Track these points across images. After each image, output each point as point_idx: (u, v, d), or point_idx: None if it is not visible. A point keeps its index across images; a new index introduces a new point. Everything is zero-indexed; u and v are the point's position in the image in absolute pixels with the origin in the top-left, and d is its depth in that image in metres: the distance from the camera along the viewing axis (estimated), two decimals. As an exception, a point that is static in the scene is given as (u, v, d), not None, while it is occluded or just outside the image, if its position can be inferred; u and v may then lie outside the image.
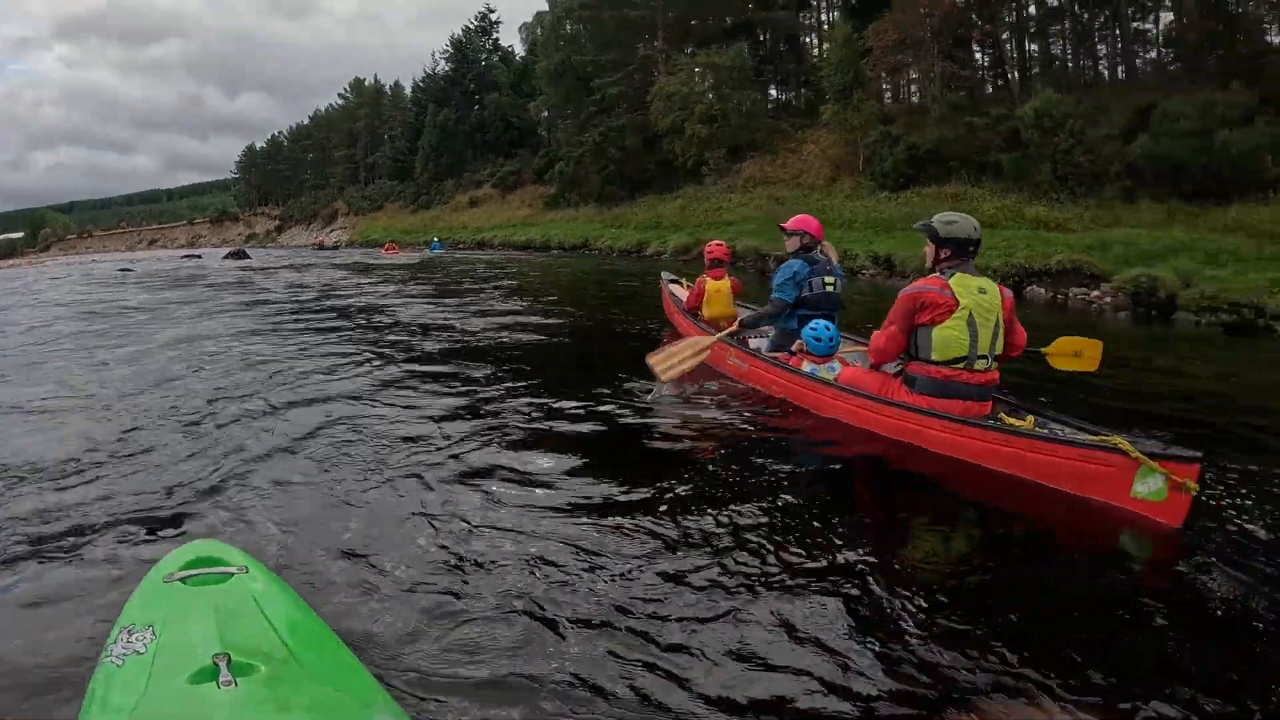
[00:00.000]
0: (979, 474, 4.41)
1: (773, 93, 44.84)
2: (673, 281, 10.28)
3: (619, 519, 3.86)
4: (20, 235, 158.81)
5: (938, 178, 26.55)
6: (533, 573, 3.32)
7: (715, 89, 36.84)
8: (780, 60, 45.46)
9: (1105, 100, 25.52)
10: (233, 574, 2.42)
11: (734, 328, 7.13)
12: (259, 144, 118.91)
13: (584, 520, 3.85)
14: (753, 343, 7.21)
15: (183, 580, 2.36)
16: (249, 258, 45.93)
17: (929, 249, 4.94)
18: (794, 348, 6.26)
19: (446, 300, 15.68)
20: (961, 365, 4.72)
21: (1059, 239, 17.83)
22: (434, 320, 12.18)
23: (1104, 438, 4.05)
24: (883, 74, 32.64)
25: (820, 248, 6.69)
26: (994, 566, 3.55)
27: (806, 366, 5.98)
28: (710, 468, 4.72)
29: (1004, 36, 33.95)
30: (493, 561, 3.44)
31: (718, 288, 8.31)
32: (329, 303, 15.56)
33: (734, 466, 4.73)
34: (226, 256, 47.36)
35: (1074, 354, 5.52)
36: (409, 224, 65.51)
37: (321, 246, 68.36)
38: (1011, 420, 4.61)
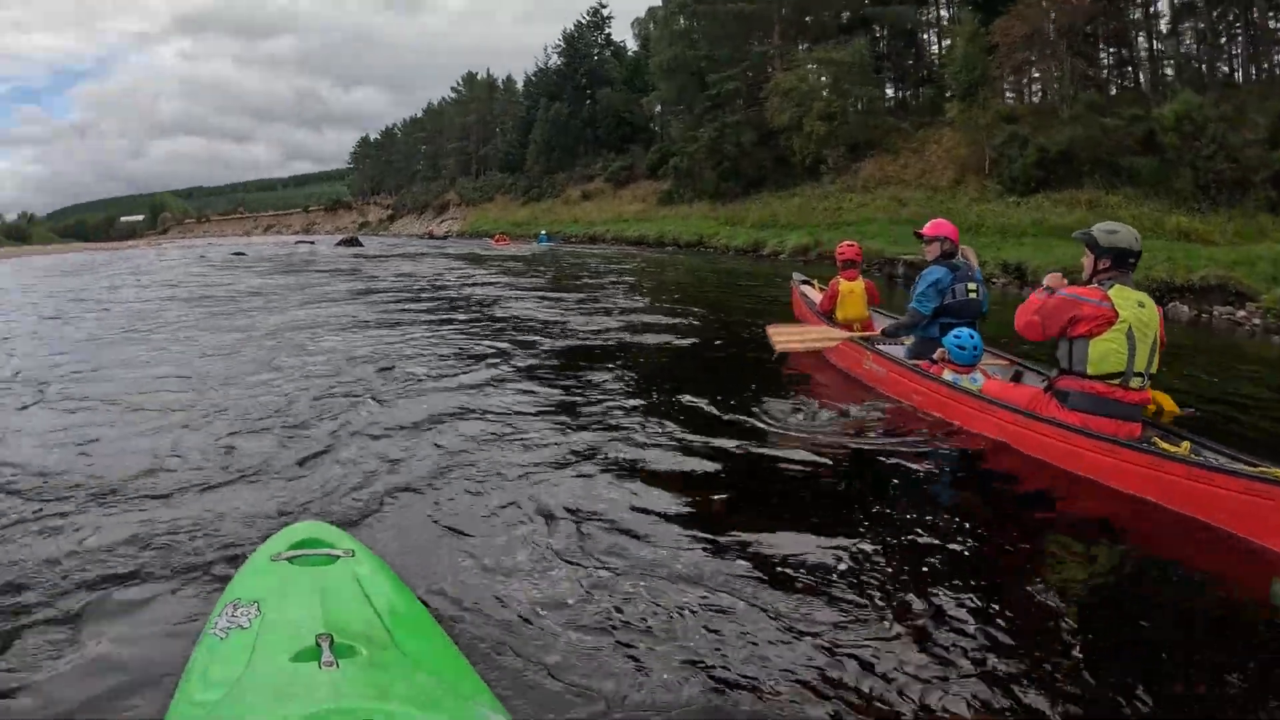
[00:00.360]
0: (1130, 501, 4.13)
1: (889, 90, 43.91)
2: (804, 283, 10.08)
3: (741, 534, 3.74)
4: (140, 218, 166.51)
5: (1069, 181, 25.44)
6: (648, 587, 3.24)
7: (834, 85, 36.33)
8: (897, 57, 44.64)
9: (1243, 103, 24.09)
10: (338, 556, 2.44)
11: (873, 333, 7.09)
12: (372, 135, 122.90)
13: (706, 533, 3.77)
14: (888, 348, 6.97)
15: (289, 560, 2.41)
16: (361, 245, 47.48)
17: (1087, 259, 4.73)
18: (935, 356, 6.09)
19: (564, 295, 15.40)
20: (1118, 381, 4.49)
21: (1200, 252, 16.75)
22: (551, 316, 11.97)
23: (1266, 470, 3.74)
24: (1008, 72, 31.65)
25: (960, 252, 6.51)
26: (1144, 609, 3.29)
27: (948, 375, 5.79)
28: (845, 480, 4.68)
29: (1133, 34, 32.44)
30: (606, 569, 3.38)
31: (851, 289, 8.10)
32: (443, 294, 15.73)
33: (869, 478, 4.70)
34: (339, 243, 48.70)
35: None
36: (520, 216, 66.42)
37: (431, 236, 70.05)
38: (1166, 445, 4.32)
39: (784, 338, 6.97)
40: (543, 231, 51.10)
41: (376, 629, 2.08)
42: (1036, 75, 33.31)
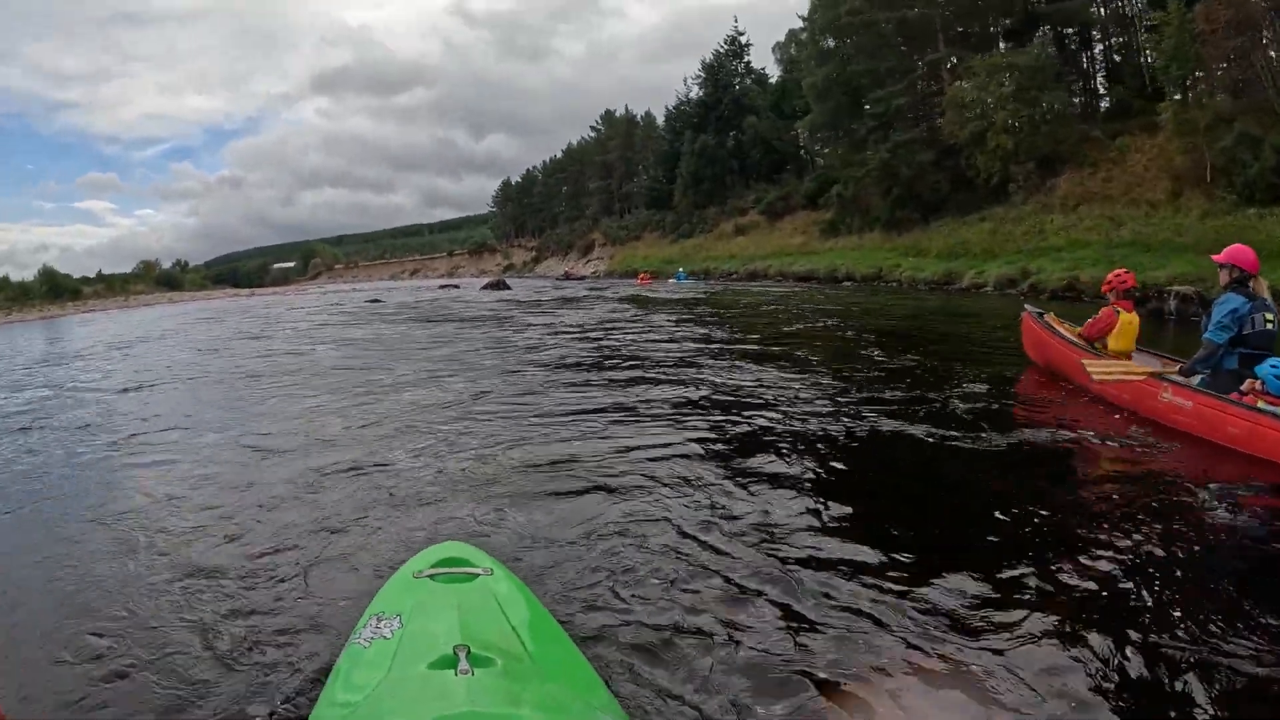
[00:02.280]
0: None
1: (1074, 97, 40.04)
2: (1039, 314, 9.42)
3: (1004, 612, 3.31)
4: (293, 264, 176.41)
5: None
6: (784, 615, 3.31)
7: (1018, 93, 32.90)
8: (1076, 58, 40.94)
9: None
10: (478, 574, 2.53)
11: (1172, 369, 6.78)
12: (514, 178, 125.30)
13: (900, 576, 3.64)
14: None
15: (431, 577, 2.50)
16: (509, 288, 46.80)
17: None
18: (1245, 387, 5.80)
19: (745, 347, 13.16)
20: None
21: None
22: (740, 380, 9.41)
23: None
24: (1218, 65, 27.55)
25: (1253, 283, 6.21)
26: None
27: (1263, 408, 5.43)
28: (1165, 535, 4.12)
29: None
30: (750, 599, 3.46)
31: (1130, 320, 7.79)
32: (619, 354, 13.07)
33: (1190, 529, 4.22)
34: (485, 287, 48.53)
35: None
36: (669, 253, 64.88)
37: (568, 277, 69.74)
38: None
39: (1101, 369, 6.94)
40: (680, 270, 52.17)
41: (511, 641, 2.18)
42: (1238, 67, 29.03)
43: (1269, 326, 6.07)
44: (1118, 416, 6.73)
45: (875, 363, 10.55)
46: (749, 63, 71.55)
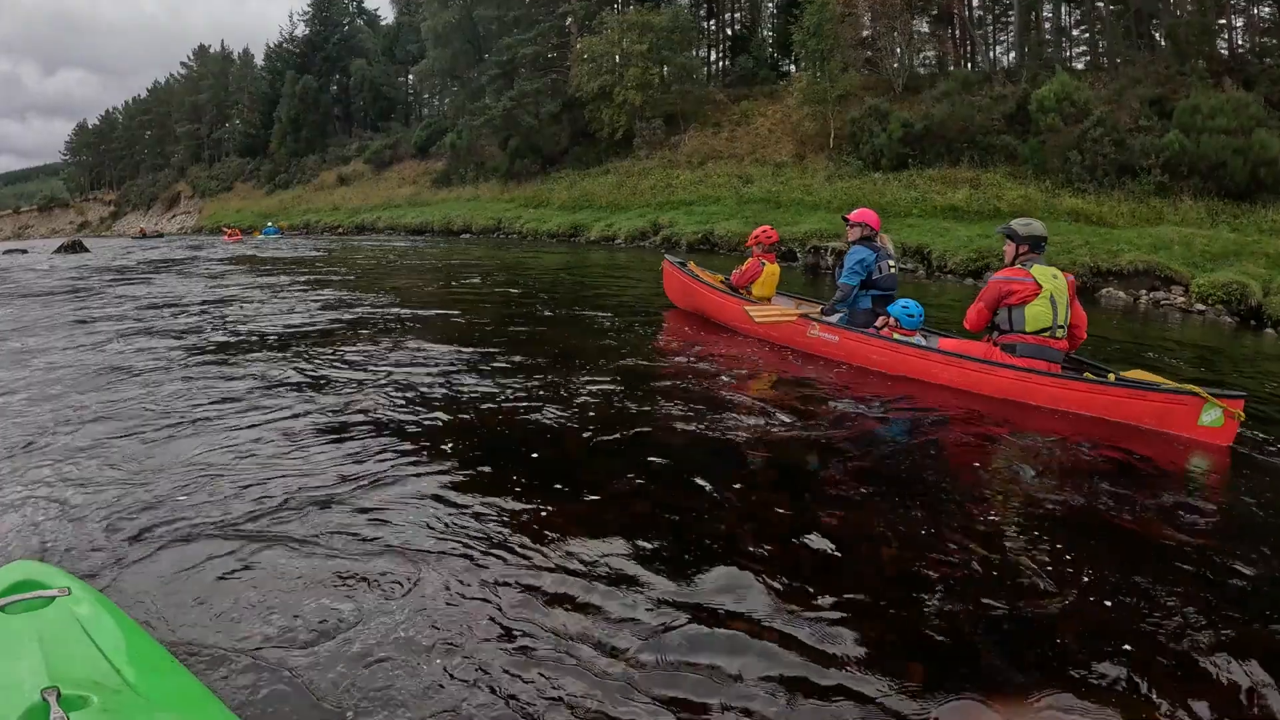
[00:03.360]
0: (1082, 421, 5.37)
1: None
2: (680, 264, 9.94)
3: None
4: None
5: (936, 159, 23.44)
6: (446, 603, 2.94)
7: (650, 51, 31.90)
8: (704, 27, 40.72)
9: (1122, 87, 23.19)
10: (54, 597, 2.22)
11: (812, 309, 7.72)
12: (91, 121, 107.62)
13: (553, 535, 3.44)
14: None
15: (1, 609, 2.13)
16: (87, 250, 38.50)
17: (1009, 247, 6.03)
18: (879, 323, 6.92)
19: (384, 311, 10.95)
20: (1047, 334, 5.75)
21: (1112, 235, 16.60)
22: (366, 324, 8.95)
23: (1179, 385, 5.22)
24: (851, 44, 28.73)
25: (878, 237, 7.35)
26: (1108, 488, 4.15)
27: (896, 338, 6.63)
28: (846, 438, 4.92)
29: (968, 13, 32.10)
30: (377, 581, 3.08)
31: (773, 270, 8.80)
32: (237, 331, 9.52)
33: (860, 436, 5.03)
34: (59, 250, 39.72)
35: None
36: (266, 206, 57.92)
37: (144, 235, 60.06)
38: (1095, 376, 5.71)
39: (761, 313, 7.67)
40: (269, 224, 47.14)
41: (107, 673, 1.93)
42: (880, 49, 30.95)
43: (892, 271, 7.23)
44: (771, 350, 7.61)
45: (541, 319, 10.05)
46: (361, 3, 66.55)
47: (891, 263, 7.24)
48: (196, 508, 3.81)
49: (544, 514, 3.63)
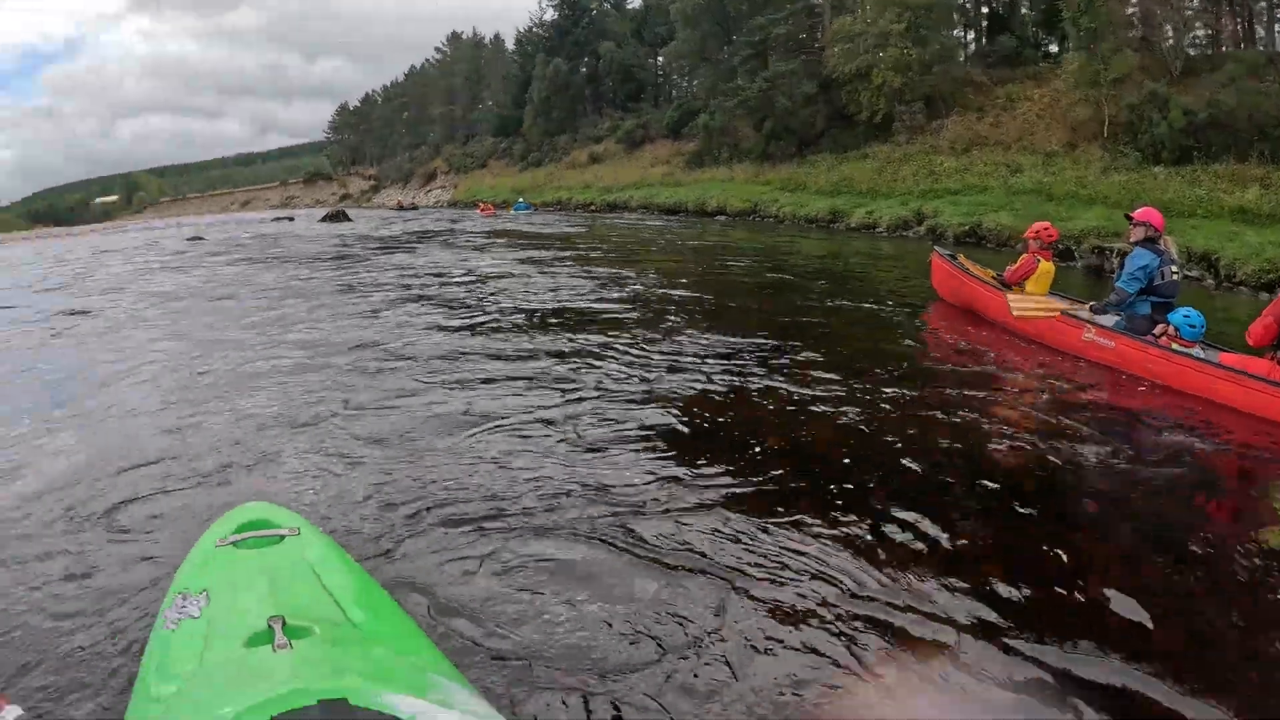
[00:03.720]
0: None
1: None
2: (950, 256, 10.00)
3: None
4: (114, 199, 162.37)
5: (1221, 152, 20.83)
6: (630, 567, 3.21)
7: (911, 30, 30.87)
8: (962, 5, 38.85)
9: None
10: (284, 536, 2.39)
11: (1082, 309, 7.56)
12: (352, 103, 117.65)
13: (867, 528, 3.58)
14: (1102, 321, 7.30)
15: (234, 544, 2.34)
16: (349, 220, 42.24)
17: None
18: (1158, 331, 6.62)
19: (639, 289, 11.87)
20: None
21: None
22: (649, 334, 8.47)
23: None
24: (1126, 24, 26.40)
25: (1162, 239, 7.02)
26: None
27: (1176, 349, 6.27)
28: (1097, 452, 4.75)
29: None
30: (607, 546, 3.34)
31: (1048, 268, 8.58)
32: (498, 304, 10.93)
33: (1120, 447, 4.88)
34: (323, 219, 43.60)
35: None
36: (518, 182, 60.97)
37: (401, 207, 65.10)
38: None
39: (1022, 304, 7.60)
40: (520, 200, 50.34)
41: (328, 607, 2.06)
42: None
43: (1175, 278, 6.93)
44: (1039, 350, 7.56)
45: (816, 310, 10.32)
46: (609, -14, 68.14)
47: (1175, 268, 6.94)
48: (460, 489, 4.03)
49: (869, 539, 3.51)
